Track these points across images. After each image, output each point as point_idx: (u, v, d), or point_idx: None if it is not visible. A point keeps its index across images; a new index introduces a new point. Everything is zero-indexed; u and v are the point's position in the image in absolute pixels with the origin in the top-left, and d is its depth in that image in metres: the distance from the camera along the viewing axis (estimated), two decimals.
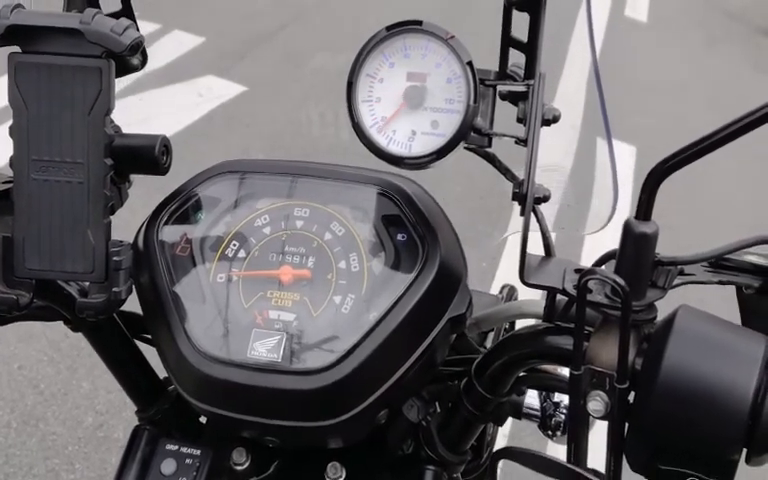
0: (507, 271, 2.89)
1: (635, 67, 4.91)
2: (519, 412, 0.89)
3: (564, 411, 0.97)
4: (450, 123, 0.61)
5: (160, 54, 4.35)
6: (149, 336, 0.76)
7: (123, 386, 0.75)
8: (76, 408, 2.35)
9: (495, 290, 1.14)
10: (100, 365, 2.58)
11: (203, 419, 0.75)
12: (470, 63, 0.61)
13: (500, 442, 1.05)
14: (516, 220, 0.62)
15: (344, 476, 0.69)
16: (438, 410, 0.72)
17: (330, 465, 0.69)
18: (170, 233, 0.68)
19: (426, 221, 0.65)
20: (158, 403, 0.74)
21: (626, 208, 0.67)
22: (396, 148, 0.61)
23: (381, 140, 0.62)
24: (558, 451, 0.83)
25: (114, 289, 0.60)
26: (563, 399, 0.96)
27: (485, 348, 0.76)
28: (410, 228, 0.65)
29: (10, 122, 0.60)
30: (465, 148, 0.63)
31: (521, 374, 0.66)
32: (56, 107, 0.59)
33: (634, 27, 5.92)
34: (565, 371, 0.65)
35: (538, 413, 0.95)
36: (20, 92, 0.59)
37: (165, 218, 0.68)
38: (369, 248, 0.65)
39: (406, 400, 0.68)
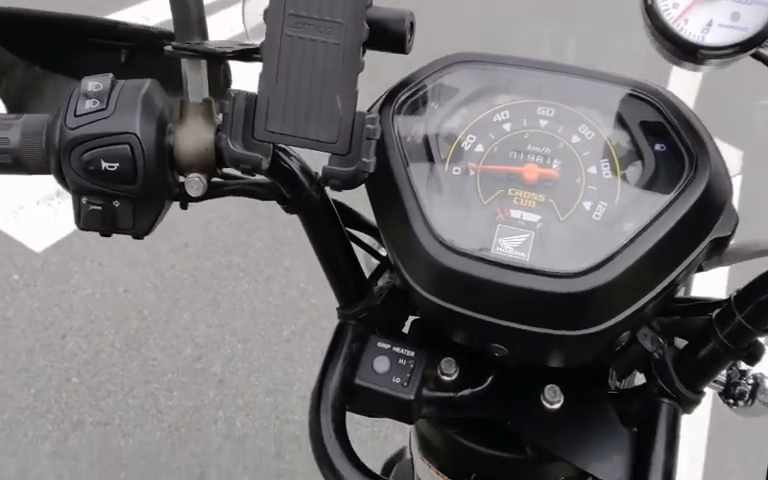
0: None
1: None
2: None
3: (751, 381, 0.90)
4: (755, 16, 0.55)
5: None
6: (358, 233, 0.73)
7: (330, 278, 0.71)
8: (176, 338, 2.37)
9: None
10: (201, 298, 2.60)
11: (407, 327, 0.71)
12: None
13: None
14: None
15: (562, 401, 0.64)
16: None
17: (548, 387, 0.64)
18: (402, 120, 0.64)
19: (694, 131, 0.59)
20: (363, 301, 0.70)
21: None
22: (690, 37, 0.56)
23: (673, 26, 0.56)
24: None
25: (364, 159, 0.56)
26: (751, 368, 0.90)
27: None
28: (674, 137, 0.59)
29: None
30: (751, 54, 0.57)
31: None
32: None
33: None
34: None
35: (722, 380, 0.89)
36: None
37: (398, 104, 0.64)
38: (623, 155, 0.60)
39: (642, 327, 0.63)
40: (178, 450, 2.07)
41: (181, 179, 0.63)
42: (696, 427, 2.22)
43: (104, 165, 0.59)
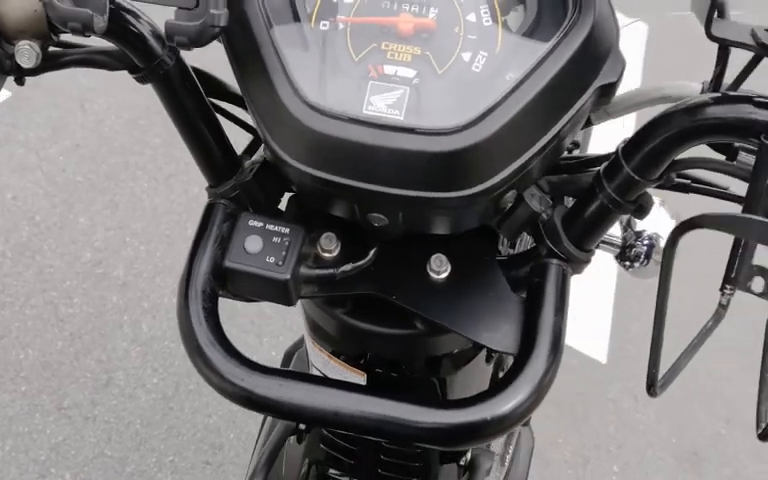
0: None
1: None
2: None
3: (646, 242, 0.90)
4: None
5: None
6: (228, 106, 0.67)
7: (195, 154, 0.65)
8: (73, 243, 2.26)
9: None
10: (98, 201, 2.45)
11: (283, 204, 0.66)
12: None
13: None
14: None
15: (449, 270, 0.60)
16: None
17: (434, 257, 0.60)
18: None
19: None
20: (234, 178, 0.65)
21: None
22: None
23: None
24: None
25: (212, 11, 0.49)
26: (646, 229, 0.89)
27: None
28: None
29: None
30: None
31: (678, 158, 0.57)
32: None
33: None
34: None
35: (618, 242, 0.88)
36: None
37: None
38: (504, 0, 0.55)
39: (529, 186, 0.59)
40: (82, 358, 2.00)
41: (12, 49, 0.55)
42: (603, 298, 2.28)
43: None
